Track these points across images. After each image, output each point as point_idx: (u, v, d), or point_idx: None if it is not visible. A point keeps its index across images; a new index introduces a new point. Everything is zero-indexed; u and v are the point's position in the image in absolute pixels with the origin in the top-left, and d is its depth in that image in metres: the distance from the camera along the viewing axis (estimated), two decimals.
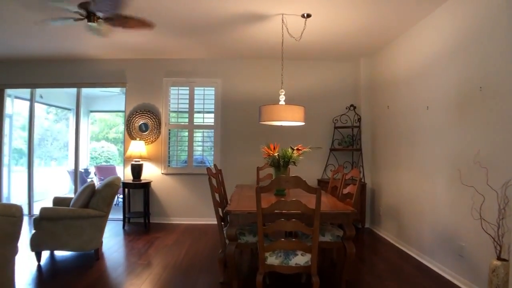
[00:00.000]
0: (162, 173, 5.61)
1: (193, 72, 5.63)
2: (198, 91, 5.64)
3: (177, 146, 5.80)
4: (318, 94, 5.58)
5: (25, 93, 6.37)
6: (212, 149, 5.67)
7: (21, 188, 6.57)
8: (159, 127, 5.61)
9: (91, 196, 3.92)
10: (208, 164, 5.79)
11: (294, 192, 3.58)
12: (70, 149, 9.22)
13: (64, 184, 8.95)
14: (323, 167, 5.54)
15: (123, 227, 5.28)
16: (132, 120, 5.63)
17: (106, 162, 10.30)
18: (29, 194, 6.22)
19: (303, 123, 3.57)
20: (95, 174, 9.00)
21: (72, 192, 7.50)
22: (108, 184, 3.92)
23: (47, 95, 7.90)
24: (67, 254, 3.95)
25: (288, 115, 3.30)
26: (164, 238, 4.74)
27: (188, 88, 5.63)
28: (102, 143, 10.60)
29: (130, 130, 5.64)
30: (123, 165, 5.81)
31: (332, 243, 3.05)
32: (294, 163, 3.54)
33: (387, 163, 4.81)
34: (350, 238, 2.73)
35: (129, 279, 3.28)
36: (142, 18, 3.75)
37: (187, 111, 5.65)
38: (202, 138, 5.74)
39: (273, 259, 2.47)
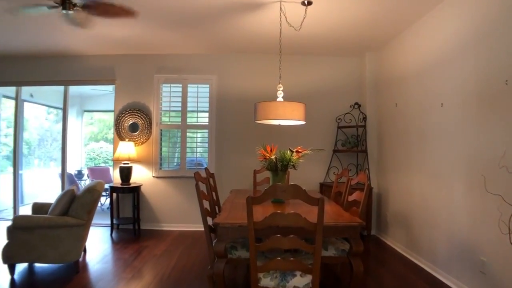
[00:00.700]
0: (153, 176, 5.25)
1: (186, 68, 5.27)
2: (192, 88, 5.27)
3: (169, 147, 5.44)
4: (320, 91, 5.21)
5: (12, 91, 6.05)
6: (206, 150, 5.30)
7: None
8: (150, 127, 5.24)
9: (71, 202, 3.57)
10: (206, 166, 5.43)
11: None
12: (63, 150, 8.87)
13: (57, 186, 8.61)
14: (326, 169, 5.16)
15: (111, 234, 4.92)
16: (121, 120, 5.27)
17: (105, 163, 9.98)
18: (14, 197, 5.88)
19: (304, 122, 3.20)
20: (88, 176, 8.68)
21: None
22: (88, 190, 3.56)
23: (39, 94, 7.55)
24: (45, 266, 3.59)
25: (286, 112, 2.93)
26: (153, 247, 4.37)
27: (181, 85, 5.27)
28: (101, 143, 10.31)
29: (120, 131, 5.28)
30: (113, 167, 5.46)
31: (336, 258, 2.68)
32: (294, 166, 3.18)
33: (395, 165, 4.43)
34: (358, 254, 2.36)
35: None
36: (124, 5, 3.38)
37: (180, 110, 5.28)
38: (196, 139, 5.37)
39: (267, 281, 2.11)
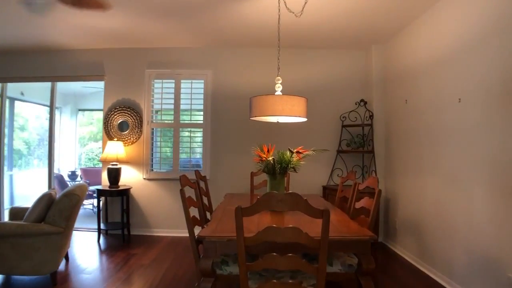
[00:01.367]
0: (144, 178, 4.90)
1: (179, 63, 4.93)
2: (185, 84, 4.93)
3: (160, 147, 5.10)
4: (322, 88, 4.85)
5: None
6: (200, 150, 4.95)
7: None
8: (141, 126, 4.90)
9: (49, 207, 3.24)
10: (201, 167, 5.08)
11: None
12: (56, 150, 8.59)
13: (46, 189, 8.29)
14: (329, 171, 4.80)
15: (98, 240, 4.58)
16: (111, 118, 4.93)
17: None
18: None
19: (305, 118, 2.85)
20: (81, 178, 8.36)
21: None
22: (66, 194, 3.23)
23: (30, 92, 7.23)
24: (19, 278, 3.26)
25: (286, 108, 2.58)
26: (142, 255, 4.03)
27: (173, 81, 4.92)
28: (100, 143, 10.02)
29: (109, 130, 4.94)
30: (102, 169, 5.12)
31: (342, 274, 2.32)
32: (294, 169, 2.83)
33: (404, 167, 4.07)
34: (368, 273, 2.01)
35: None
36: None
37: (172, 107, 4.93)
38: (189, 138, 5.02)
39: None
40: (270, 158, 2.67)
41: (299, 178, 4.41)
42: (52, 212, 3.17)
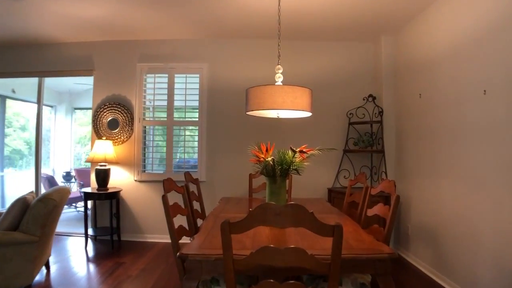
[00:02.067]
0: (135, 179, 4.56)
1: (173, 56, 4.58)
2: (179, 79, 4.58)
3: (153, 147, 4.76)
4: (328, 82, 4.49)
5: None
6: (196, 150, 4.61)
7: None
8: (132, 124, 4.56)
9: (24, 213, 2.91)
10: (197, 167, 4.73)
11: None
12: (51, 150, 8.33)
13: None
14: (335, 173, 4.44)
15: (85, 246, 4.24)
16: (100, 116, 4.60)
17: None
18: None
19: (310, 113, 2.49)
20: (75, 179, 8.03)
21: None
22: (42, 199, 2.89)
23: (23, 90, 6.93)
24: None
25: (287, 100, 2.23)
26: (131, 264, 3.69)
27: (167, 75, 4.57)
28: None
29: (98, 128, 4.60)
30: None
31: None
32: (297, 171, 2.48)
33: (418, 168, 3.70)
34: None
35: None
36: None
37: (166, 104, 4.59)
38: (184, 137, 4.67)
39: None
40: (270, 159, 2.32)
41: (302, 180, 4.06)
42: (26, 219, 2.85)
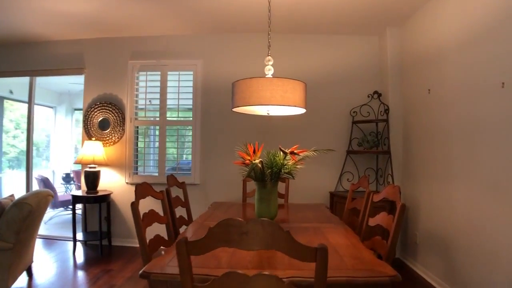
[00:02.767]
0: (126, 182, 4.33)
1: (165, 53, 4.34)
2: (173, 76, 4.34)
3: (145, 147, 4.53)
4: (329, 79, 4.20)
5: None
6: (190, 151, 4.36)
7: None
8: (123, 124, 4.33)
9: None
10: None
11: (295, 215, 2.26)
12: (52, 151, 8.24)
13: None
14: (338, 175, 4.15)
15: (73, 252, 4.03)
16: (90, 116, 4.39)
17: None
18: None
19: (303, 109, 2.22)
20: (74, 181, 7.86)
21: None
22: (16, 203, 2.68)
23: (21, 90, 6.79)
24: None
25: (276, 94, 1.96)
26: (118, 271, 3.47)
27: (159, 73, 4.34)
28: None
29: (88, 129, 4.39)
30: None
31: None
32: (291, 174, 2.21)
33: (427, 171, 3.39)
34: None
35: None
36: None
37: (158, 102, 4.35)
38: (177, 137, 4.43)
39: None
40: (257, 161, 2.06)
41: (301, 184, 3.79)
42: (0, 225, 2.63)
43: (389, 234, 1.80)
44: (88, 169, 4.11)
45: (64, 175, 7.89)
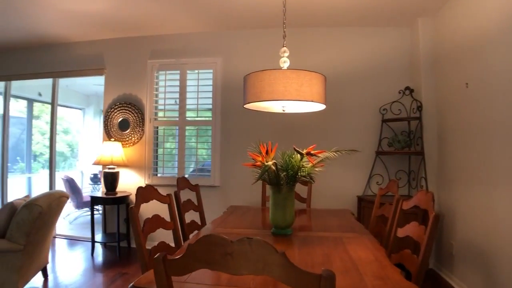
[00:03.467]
0: (146, 183, 4.26)
1: (184, 51, 4.24)
2: (192, 75, 4.23)
3: (164, 148, 4.44)
4: (356, 75, 3.93)
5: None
6: (209, 152, 4.22)
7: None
8: (143, 124, 4.27)
9: (10, 220, 2.67)
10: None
11: (315, 221, 2.05)
12: (80, 152, 8.45)
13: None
14: (366, 178, 3.86)
15: (92, 253, 4.00)
16: (110, 116, 4.36)
17: None
18: None
19: (323, 105, 2.01)
20: (100, 181, 7.97)
21: None
22: (27, 205, 2.64)
23: (50, 93, 6.98)
24: None
25: (290, 88, 1.76)
26: (132, 274, 3.39)
27: (178, 71, 4.24)
28: None
29: (109, 129, 4.37)
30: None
31: None
32: (311, 177, 2.00)
33: (465, 174, 3.05)
34: None
35: None
36: None
37: (178, 102, 4.25)
38: (196, 138, 4.30)
39: None
40: (270, 163, 1.86)
41: (326, 187, 3.56)
42: (11, 226, 2.60)
43: (420, 247, 1.55)
44: (107, 170, 4.07)
45: (92, 176, 8.03)
